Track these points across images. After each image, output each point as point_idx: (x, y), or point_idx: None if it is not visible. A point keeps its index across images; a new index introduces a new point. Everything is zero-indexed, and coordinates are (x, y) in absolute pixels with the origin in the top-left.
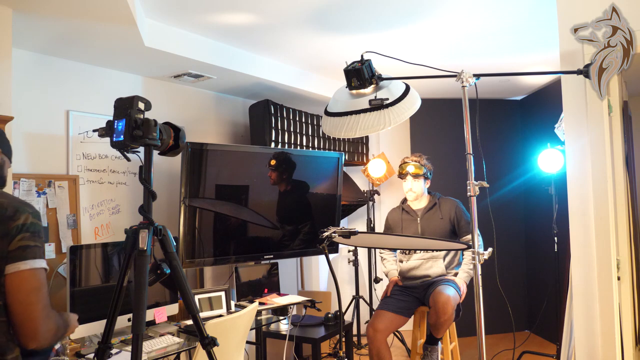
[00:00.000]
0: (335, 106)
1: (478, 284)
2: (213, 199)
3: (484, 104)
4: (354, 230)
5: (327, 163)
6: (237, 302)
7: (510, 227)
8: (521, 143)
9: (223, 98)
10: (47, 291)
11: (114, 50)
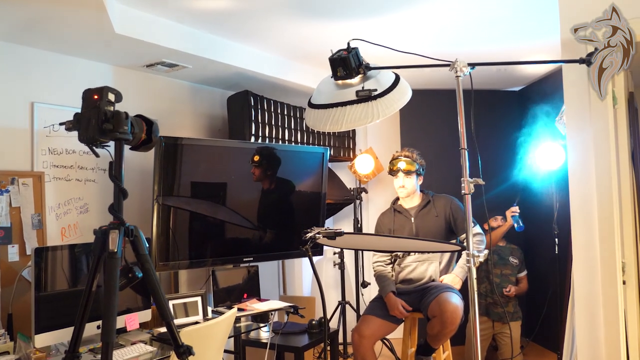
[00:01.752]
0: (320, 97)
1: (473, 288)
2: (188, 197)
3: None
4: (340, 231)
5: (311, 159)
6: (214, 308)
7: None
8: (520, 137)
9: (199, 89)
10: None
11: (82, 38)
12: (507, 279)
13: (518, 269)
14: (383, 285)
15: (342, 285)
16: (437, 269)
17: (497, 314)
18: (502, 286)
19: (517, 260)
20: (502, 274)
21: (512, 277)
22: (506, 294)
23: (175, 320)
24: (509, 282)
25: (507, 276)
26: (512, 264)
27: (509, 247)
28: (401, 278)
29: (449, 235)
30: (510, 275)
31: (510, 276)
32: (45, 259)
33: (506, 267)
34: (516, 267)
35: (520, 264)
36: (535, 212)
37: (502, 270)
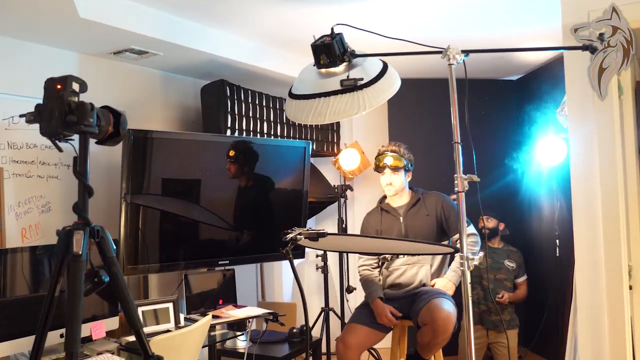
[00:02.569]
0: (302, 87)
1: (467, 294)
2: (159, 195)
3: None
4: (323, 231)
5: (292, 153)
6: (187, 315)
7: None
8: (517, 130)
9: (171, 78)
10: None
11: (43, 22)
12: (501, 284)
13: (515, 274)
14: (370, 291)
15: (326, 291)
16: (428, 273)
17: (492, 322)
18: (496, 292)
19: (513, 264)
20: (495, 279)
21: (508, 283)
22: (499, 300)
23: (145, 328)
24: (504, 287)
25: (502, 281)
26: (508, 267)
27: (506, 249)
28: (389, 282)
29: (441, 235)
30: (506, 280)
31: (506, 281)
32: (4, 262)
33: (500, 272)
34: (512, 271)
35: (519, 268)
36: (535, 211)
37: (495, 274)
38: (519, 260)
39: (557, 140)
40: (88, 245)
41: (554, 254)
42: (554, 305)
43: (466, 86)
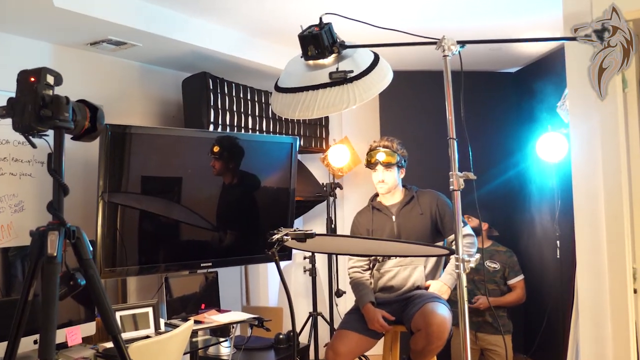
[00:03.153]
0: (288, 80)
1: (463, 298)
2: (138, 193)
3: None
4: (311, 232)
5: (278, 150)
6: (167, 320)
7: (503, 228)
8: (516, 125)
9: (151, 70)
10: None
11: (16, 11)
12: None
13: (502, 275)
14: (360, 295)
15: (314, 295)
16: (422, 275)
17: (474, 324)
18: (474, 294)
19: (496, 264)
20: (473, 280)
21: (490, 285)
22: (470, 306)
23: (123, 334)
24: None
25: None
26: (489, 269)
27: (491, 249)
28: (381, 285)
29: (435, 236)
30: (488, 282)
31: (488, 283)
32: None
33: (478, 273)
34: (494, 272)
35: (508, 269)
36: (534, 210)
37: (473, 276)
38: (508, 260)
39: (558, 135)
40: (63, 246)
41: (554, 255)
42: (554, 310)
43: (462, 79)
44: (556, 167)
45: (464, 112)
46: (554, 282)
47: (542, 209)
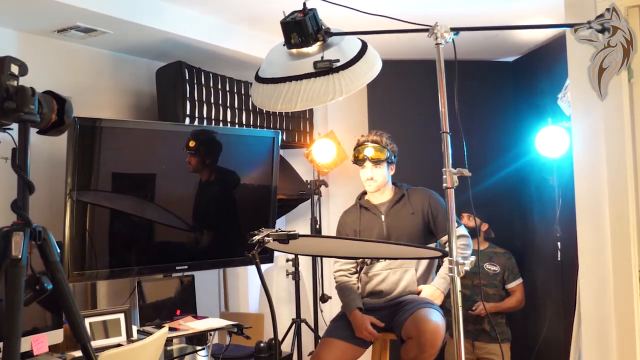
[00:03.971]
0: (270, 70)
1: (457, 303)
2: (109, 191)
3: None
4: (294, 233)
5: (259, 144)
6: (140, 327)
7: (500, 228)
8: (514, 118)
9: (122, 59)
10: None
11: None
12: (480, 291)
13: (501, 278)
14: (347, 300)
15: (297, 300)
16: (413, 278)
17: (472, 332)
18: (474, 299)
19: (496, 267)
20: (473, 285)
21: (490, 289)
22: (471, 313)
23: (93, 342)
24: (485, 295)
25: (480, 287)
26: (488, 272)
27: (489, 251)
28: (369, 290)
29: (428, 236)
30: (485, 286)
31: (486, 287)
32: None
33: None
34: (495, 275)
35: (507, 271)
36: (533, 209)
37: (473, 280)
38: (507, 262)
39: (559, 129)
40: (29, 248)
41: (554, 258)
42: (554, 316)
43: (456, 69)
44: (557, 163)
45: (458, 105)
46: (555, 287)
47: (541, 208)
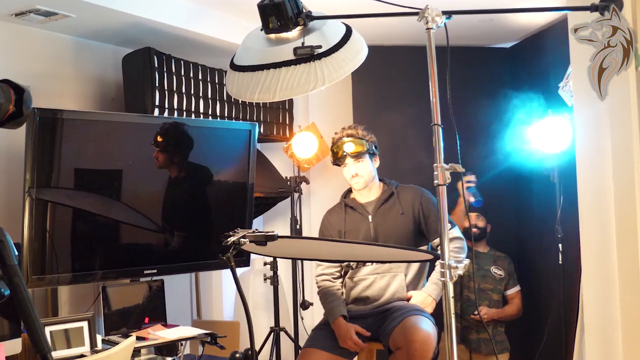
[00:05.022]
0: (246, 57)
1: (449, 310)
2: (71, 189)
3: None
4: (272, 233)
5: (234, 138)
6: (105, 336)
7: (496, 228)
8: (511, 109)
9: (86, 45)
10: None
11: None
12: (486, 295)
13: (505, 284)
14: (330, 307)
15: (276, 307)
16: (402, 284)
17: (475, 342)
18: (479, 304)
19: (502, 271)
20: (479, 288)
21: (495, 295)
22: (473, 317)
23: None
24: (490, 300)
25: (487, 292)
26: (495, 276)
27: (492, 253)
28: (354, 296)
29: (419, 238)
30: (492, 291)
31: (492, 292)
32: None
33: (486, 280)
34: (500, 280)
35: (508, 277)
36: (533, 208)
37: (480, 284)
38: (508, 267)
39: (560, 121)
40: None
41: (555, 261)
42: (555, 324)
43: (448, 55)
44: (558, 158)
45: (450, 94)
46: (556, 292)
47: (541, 207)
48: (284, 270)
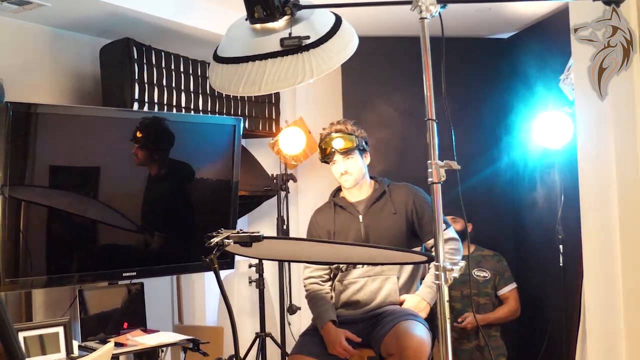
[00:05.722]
0: (230, 48)
1: (444, 314)
2: (46, 187)
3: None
4: (258, 234)
5: (217, 133)
6: (82, 342)
7: (493, 229)
8: (509, 103)
9: (62, 36)
10: None
11: None
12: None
13: (493, 284)
14: (319, 312)
15: (262, 311)
16: (395, 287)
17: (469, 352)
18: (465, 311)
19: (486, 272)
20: (463, 296)
21: (482, 299)
22: (457, 325)
23: (28, 359)
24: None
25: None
26: (478, 279)
27: (478, 254)
28: (344, 300)
29: (412, 239)
30: (477, 295)
31: (478, 297)
32: None
33: (467, 285)
34: (486, 282)
35: (498, 276)
36: (532, 208)
37: (462, 290)
38: (497, 266)
39: (561, 115)
40: None
41: (556, 263)
42: (555, 329)
43: (443, 47)
44: (558, 154)
45: (445, 88)
46: (556, 296)
47: (541, 205)
48: (270, 273)
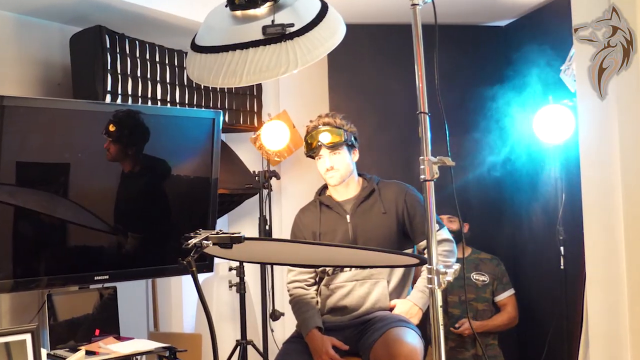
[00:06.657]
0: (209, 37)
1: (437, 320)
2: (13, 185)
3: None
4: (239, 235)
5: (195, 127)
6: (50, 350)
7: (491, 229)
8: (506, 95)
9: (29, 24)
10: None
11: None
12: (470, 307)
13: (492, 289)
14: (304, 318)
15: (242, 317)
16: (385, 292)
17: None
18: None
19: (485, 276)
20: (461, 301)
21: (480, 304)
22: (454, 331)
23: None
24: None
25: (470, 302)
26: (477, 283)
27: (474, 257)
28: (330, 305)
29: (403, 241)
30: (475, 300)
31: (476, 302)
32: None
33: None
34: (484, 287)
35: (496, 281)
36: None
37: (460, 295)
38: (495, 270)
39: (562, 109)
40: None
41: (557, 265)
42: (556, 336)
43: (436, 35)
44: (559, 151)
45: (438, 79)
46: (557, 300)
47: (540, 205)
48: (252, 277)
